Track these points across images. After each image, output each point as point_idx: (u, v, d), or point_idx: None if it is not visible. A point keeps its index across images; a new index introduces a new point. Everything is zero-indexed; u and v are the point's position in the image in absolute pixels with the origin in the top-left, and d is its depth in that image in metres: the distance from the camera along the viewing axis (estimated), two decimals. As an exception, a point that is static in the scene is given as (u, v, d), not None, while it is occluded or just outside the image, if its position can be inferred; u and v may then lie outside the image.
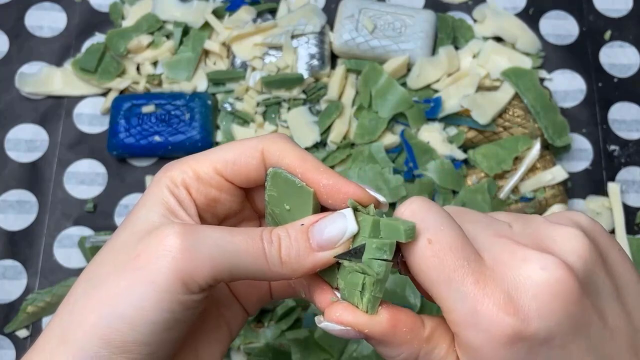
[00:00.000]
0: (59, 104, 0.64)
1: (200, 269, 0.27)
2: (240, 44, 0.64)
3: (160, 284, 0.26)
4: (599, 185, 0.62)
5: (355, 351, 0.54)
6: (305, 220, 0.29)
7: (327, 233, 0.28)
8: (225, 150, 0.31)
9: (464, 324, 0.26)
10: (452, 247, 0.26)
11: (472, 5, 0.68)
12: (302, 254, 0.28)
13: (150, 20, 0.65)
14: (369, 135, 0.60)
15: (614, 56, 0.66)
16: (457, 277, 0.26)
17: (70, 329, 0.27)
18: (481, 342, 0.26)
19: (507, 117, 0.61)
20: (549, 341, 0.26)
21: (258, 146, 0.30)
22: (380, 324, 0.27)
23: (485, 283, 0.26)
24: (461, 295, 0.26)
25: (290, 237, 0.28)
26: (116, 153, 0.61)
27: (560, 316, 0.25)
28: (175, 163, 0.31)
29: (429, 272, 0.26)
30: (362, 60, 0.63)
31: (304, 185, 0.29)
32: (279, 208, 0.30)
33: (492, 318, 0.25)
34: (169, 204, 0.29)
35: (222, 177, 0.30)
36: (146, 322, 0.27)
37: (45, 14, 0.67)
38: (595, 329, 0.26)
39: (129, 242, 0.28)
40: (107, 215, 0.60)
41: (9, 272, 0.58)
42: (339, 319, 0.27)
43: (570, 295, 0.26)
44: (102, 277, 0.28)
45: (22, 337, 0.56)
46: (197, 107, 0.61)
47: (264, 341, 0.55)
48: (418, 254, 0.27)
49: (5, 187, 0.61)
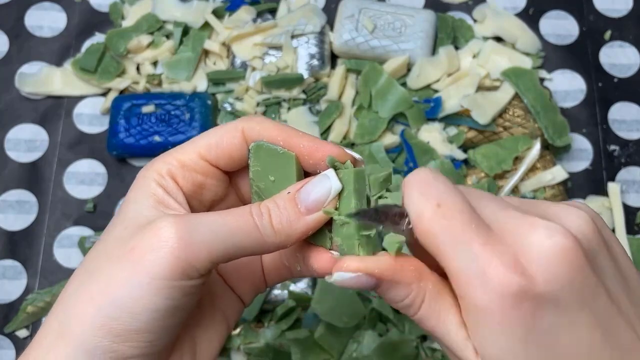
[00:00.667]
0: (59, 104, 0.64)
1: (198, 254, 0.28)
2: (240, 44, 0.64)
3: (159, 273, 0.27)
4: (599, 185, 0.62)
5: (355, 351, 0.54)
6: (290, 188, 0.30)
7: (313, 195, 0.29)
8: (207, 135, 0.32)
9: (471, 284, 0.26)
10: (460, 211, 0.27)
11: (472, 5, 0.68)
12: (293, 219, 0.29)
13: (150, 20, 0.65)
14: (369, 135, 0.60)
15: (614, 56, 0.66)
16: (466, 238, 0.26)
17: (68, 322, 0.28)
18: (488, 301, 0.26)
19: (507, 117, 0.61)
20: (554, 306, 0.26)
21: (238, 126, 0.31)
22: (388, 261, 0.28)
23: (493, 245, 0.26)
24: (469, 256, 0.26)
25: (279, 206, 0.29)
26: (116, 153, 0.61)
27: (565, 283, 0.26)
28: (159, 157, 0.32)
29: (438, 234, 0.27)
30: (362, 60, 0.63)
31: (285, 151, 0.30)
32: (264, 181, 0.31)
33: (500, 277, 0.26)
34: (157, 195, 0.30)
35: (207, 161, 0.31)
36: (146, 310, 0.27)
37: (45, 14, 0.67)
38: (601, 303, 0.27)
39: (122, 237, 0.29)
40: (107, 215, 0.60)
41: (9, 272, 0.58)
42: (349, 267, 0.28)
43: (576, 264, 0.26)
44: (98, 270, 0.28)
45: (22, 337, 0.56)
46: (197, 107, 0.61)
47: (264, 341, 0.55)
48: (426, 217, 0.27)
49: (5, 187, 0.61)
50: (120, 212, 0.30)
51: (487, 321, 0.26)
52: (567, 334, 0.26)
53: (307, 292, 0.56)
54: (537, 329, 0.26)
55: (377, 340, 0.54)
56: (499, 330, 0.26)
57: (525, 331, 0.26)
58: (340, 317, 0.54)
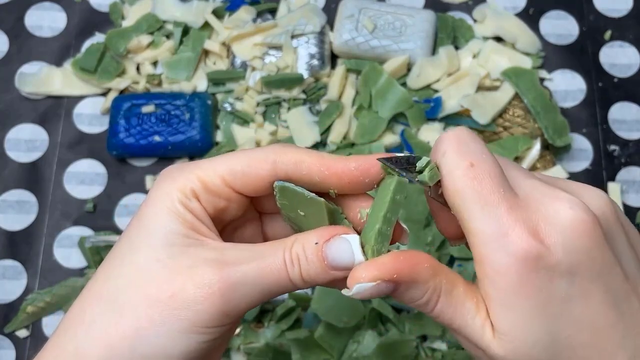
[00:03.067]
0: (59, 104, 0.64)
1: (237, 306, 0.28)
2: (240, 44, 0.64)
3: (199, 322, 0.27)
4: (599, 185, 0.61)
5: (355, 351, 0.54)
6: (317, 235, 0.29)
7: (337, 261, 0.29)
8: (233, 160, 0.30)
9: (492, 245, 0.27)
10: (492, 174, 0.27)
11: (472, 5, 0.68)
12: (320, 273, 0.29)
13: (150, 20, 0.65)
14: (369, 135, 0.60)
15: (614, 56, 0.66)
16: (493, 200, 0.27)
17: (89, 349, 0.27)
18: (506, 264, 0.26)
19: (507, 117, 0.61)
20: (571, 276, 0.26)
21: (268, 157, 0.30)
22: (405, 263, 0.28)
23: (518, 211, 0.27)
24: (494, 218, 0.27)
25: (308, 259, 0.29)
26: (116, 153, 0.61)
27: (583, 255, 0.26)
28: (179, 171, 0.30)
29: (466, 192, 0.27)
30: (362, 60, 0.63)
31: (313, 197, 0.30)
32: (294, 213, 0.31)
33: (521, 241, 0.26)
34: (186, 219, 0.29)
35: (231, 188, 0.30)
36: (182, 352, 0.28)
37: (45, 13, 0.67)
38: (616, 280, 0.27)
39: (154, 270, 0.28)
40: (107, 215, 0.60)
41: (9, 272, 0.58)
42: (367, 277, 0.27)
43: (595, 238, 0.27)
44: (130, 304, 0.28)
45: (22, 337, 0.56)
46: (197, 107, 0.61)
47: (264, 341, 0.55)
48: (458, 174, 0.27)
49: (5, 187, 0.61)
50: (142, 231, 0.29)
51: (504, 285, 0.27)
52: (581, 305, 0.27)
53: (307, 292, 0.56)
54: (552, 297, 0.27)
55: (377, 340, 0.54)
56: (515, 295, 0.27)
57: (540, 298, 0.26)
58: (340, 317, 0.54)
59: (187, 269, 0.28)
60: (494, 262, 0.27)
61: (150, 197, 0.30)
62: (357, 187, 0.30)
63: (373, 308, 0.54)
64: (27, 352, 0.56)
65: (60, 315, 0.57)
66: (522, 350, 0.27)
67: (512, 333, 0.27)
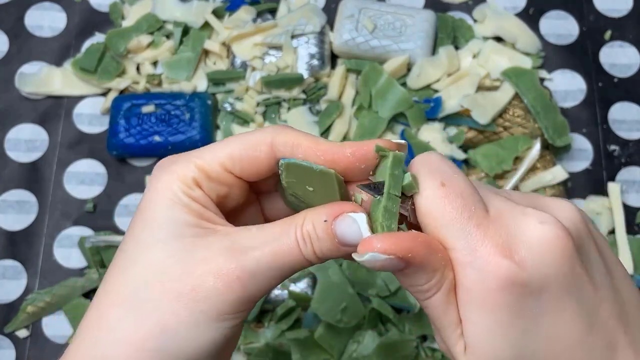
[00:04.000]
0: (59, 104, 0.64)
1: (257, 291, 0.28)
2: (240, 44, 0.64)
3: (223, 310, 0.28)
4: (599, 185, 0.62)
5: (355, 351, 0.54)
6: (326, 212, 0.29)
7: (347, 238, 0.29)
8: (231, 146, 0.30)
9: (463, 262, 0.27)
10: (463, 193, 0.28)
11: (472, 5, 0.68)
12: (332, 249, 0.29)
13: (150, 20, 0.65)
14: (369, 135, 0.60)
15: (614, 56, 0.66)
16: (463, 218, 0.27)
17: (115, 351, 0.27)
18: (476, 281, 0.27)
19: (507, 117, 0.61)
20: (540, 293, 0.26)
21: (266, 139, 0.30)
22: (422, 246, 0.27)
23: (487, 228, 0.27)
24: (464, 234, 0.27)
25: (319, 237, 0.29)
26: (116, 153, 0.61)
27: (553, 271, 0.26)
28: (176, 162, 0.30)
29: (438, 212, 0.27)
30: (362, 60, 0.63)
31: (323, 169, 0.29)
32: (301, 190, 0.30)
33: (489, 258, 0.26)
34: (193, 209, 0.29)
35: (231, 174, 0.30)
36: (207, 341, 0.28)
37: (45, 13, 0.67)
38: (586, 294, 0.27)
39: (169, 264, 0.28)
40: (107, 215, 0.60)
41: (9, 272, 0.58)
42: (382, 249, 0.27)
43: (565, 252, 0.27)
44: (152, 302, 0.28)
45: (22, 337, 0.56)
46: (197, 107, 0.61)
47: (264, 341, 0.55)
48: (430, 195, 0.28)
49: (5, 187, 0.61)
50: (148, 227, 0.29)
51: (474, 302, 0.27)
52: (552, 321, 0.27)
53: (307, 292, 0.56)
54: (522, 314, 0.27)
55: (377, 340, 0.54)
56: (484, 311, 0.27)
57: (509, 315, 0.26)
58: (340, 317, 0.54)
59: (203, 261, 0.28)
60: (465, 278, 0.27)
61: (150, 191, 0.29)
62: (352, 173, 0.30)
63: (373, 308, 0.54)
64: (27, 352, 0.56)
65: (61, 315, 0.57)
66: None
67: (478, 348, 0.27)
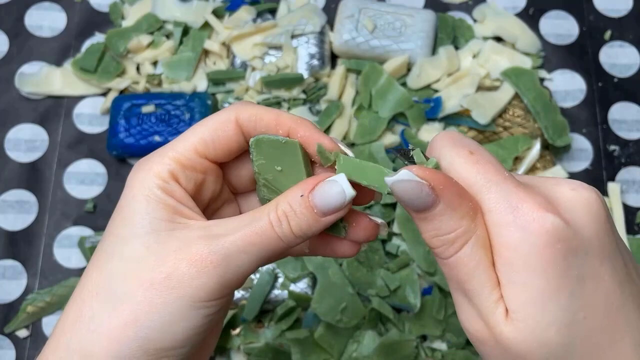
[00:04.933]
0: (59, 104, 0.64)
1: (232, 277, 0.28)
2: (240, 44, 0.64)
3: (199, 297, 0.28)
4: (599, 185, 0.62)
5: (355, 351, 0.54)
6: (302, 187, 0.29)
7: (328, 204, 0.29)
8: (199, 129, 0.31)
9: (504, 222, 0.26)
10: (492, 161, 0.27)
11: (472, 5, 0.68)
12: (312, 223, 0.29)
13: (150, 20, 0.65)
14: (369, 135, 0.60)
15: (614, 56, 0.66)
16: (499, 179, 0.26)
17: (96, 343, 0.28)
18: (521, 240, 0.25)
19: (507, 117, 0.61)
20: (584, 254, 0.26)
21: (230, 116, 0.31)
22: (455, 185, 0.27)
23: (525, 188, 0.26)
24: (504, 194, 0.26)
25: (296, 213, 0.29)
26: (116, 153, 0.61)
27: (594, 232, 0.26)
28: (153, 158, 0.30)
29: (471, 177, 0.27)
30: (362, 60, 0.63)
31: (288, 140, 0.30)
32: (271, 173, 0.31)
33: (533, 214, 0.25)
34: (168, 204, 0.29)
35: (205, 158, 0.31)
36: (186, 329, 0.28)
37: (45, 13, 0.67)
38: (619, 263, 0.27)
39: (145, 258, 0.28)
40: (107, 215, 0.60)
41: (9, 272, 0.58)
42: (419, 172, 0.26)
43: (602, 216, 0.26)
44: (128, 294, 0.28)
45: (22, 337, 0.56)
46: (197, 107, 0.61)
47: (264, 341, 0.55)
48: (462, 162, 0.27)
49: (5, 187, 0.61)
50: (126, 223, 0.29)
51: (517, 261, 0.26)
52: (594, 285, 0.26)
53: (307, 292, 0.56)
54: (566, 274, 0.25)
55: (377, 340, 0.54)
56: (529, 270, 0.25)
57: (557, 275, 0.25)
58: (340, 317, 0.54)
59: (177, 250, 0.28)
60: (508, 238, 0.26)
61: (127, 188, 0.30)
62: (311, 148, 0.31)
63: (373, 308, 0.54)
64: (27, 352, 0.56)
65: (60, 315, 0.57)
66: (535, 332, 0.25)
67: (525, 311, 0.25)
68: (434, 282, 0.56)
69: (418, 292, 0.55)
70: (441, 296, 0.55)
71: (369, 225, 0.31)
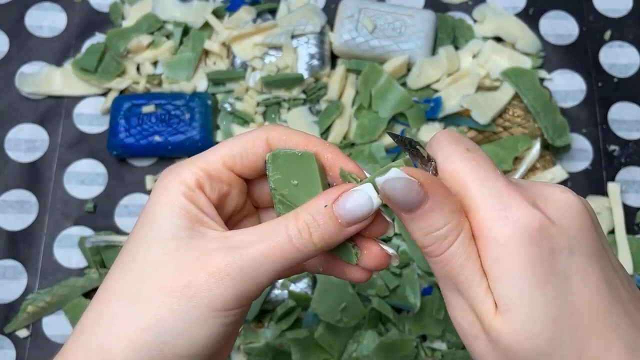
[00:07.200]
0: (59, 104, 0.64)
1: (250, 288, 0.29)
2: (240, 44, 0.64)
3: (216, 306, 0.28)
4: (599, 185, 0.62)
5: (355, 351, 0.54)
6: (324, 198, 0.29)
7: (354, 213, 0.29)
8: (230, 144, 0.31)
9: (492, 217, 0.27)
10: (486, 160, 0.28)
11: (472, 5, 0.68)
12: (335, 233, 0.29)
13: (150, 20, 0.65)
14: (369, 135, 0.60)
15: (614, 56, 0.66)
16: (492, 177, 0.28)
17: (113, 344, 0.28)
18: (510, 235, 0.26)
19: (507, 117, 0.61)
20: (570, 251, 0.27)
21: (262, 135, 0.31)
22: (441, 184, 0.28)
23: (515, 187, 0.27)
24: (494, 191, 0.27)
25: (319, 223, 0.29)
26: (116, 153, 0.61)
27: (580, 233, 0.27)
28: (181, 165, 0.31)
29: (465, 172, 0.28)
30: (362, 60, 0.63)
31: (304, 152, 0.31)
32: (287, 188, 0.31)
33: (521, 211, 0.26)
34: (190, 213, 0.30)
35: (232, 171, 0.32)
36: (203, 337, 0.28)
37: (45, 14, 0.67)
38: (608, 268, 0.28)
39: (164, 264, 0.29)
40: (107, 215, 0.60)
41: (9, 272, 0.58)
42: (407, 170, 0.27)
43: (588, 220, 0.28)
44: (147, 299, 0.28)
45: (22, 337, 0.56)
46: (197, 107, 0.61)
47: (264, 341, 0.55)
48: (458, 159, 0.28)
49: (5, 187, 0.61)
50: (148, 227, 0.30)
51: (507, 258, 0.26)
52: (581, 283, 0.27)
53: (307, 292, 0.56)
54: (554, 270, 0.26)
55: (377, 340, 0.54)
56: (517, 265, 0.26)
57: (544, 270, 0.26)
58: (340, 317, 0.54)
59: (196, 259, 0.29)
60: (497, 233, 0.27)
61: (153, 192, 0.31)
62: None
63: (373, 308, 0.54)
64: (28, 352, 0.56)
65: (61, 315, 0.57)
66: (523, 325, 0.26)
67: (512, 303, 0.26)
68: (433, 282, 0.56)
69: (418, 292, 0.55)
70: (441, 296, 0.55)
71: (380, 254, 0.31)
